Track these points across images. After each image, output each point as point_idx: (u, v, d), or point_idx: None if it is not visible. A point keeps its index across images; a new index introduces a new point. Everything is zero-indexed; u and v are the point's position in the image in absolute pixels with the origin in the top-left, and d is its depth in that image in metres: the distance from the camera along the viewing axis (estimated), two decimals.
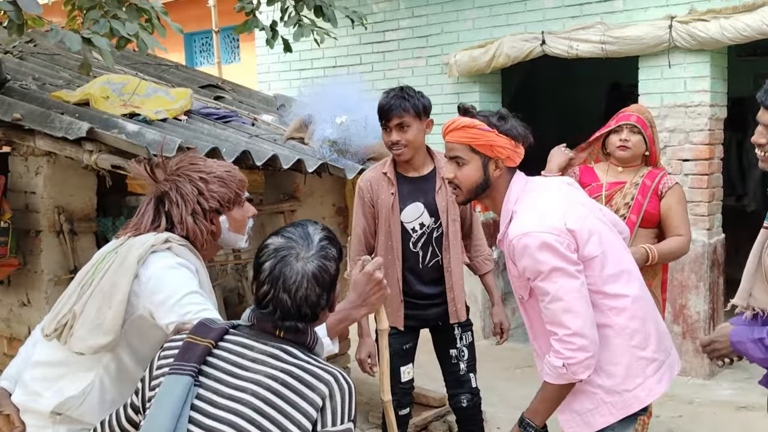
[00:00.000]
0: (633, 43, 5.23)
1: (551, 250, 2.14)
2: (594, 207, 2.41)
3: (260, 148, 3.68)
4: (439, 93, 6.40)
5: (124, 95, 3.82)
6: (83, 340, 1.95)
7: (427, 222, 3.24)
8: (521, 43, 5.72)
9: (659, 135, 5.25)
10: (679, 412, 4.55)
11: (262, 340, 1.61)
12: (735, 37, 4.85)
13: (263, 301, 1.62)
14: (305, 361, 1.59)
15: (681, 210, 3.45)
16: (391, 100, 3.13)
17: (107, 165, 3.12)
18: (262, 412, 1.51)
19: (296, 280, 1.59)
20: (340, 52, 6.90)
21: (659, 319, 2.37)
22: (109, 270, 2.01)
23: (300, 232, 1.66)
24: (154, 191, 2.12)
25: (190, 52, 10.13)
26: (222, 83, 5.60)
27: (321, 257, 1.63)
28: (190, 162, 2.14)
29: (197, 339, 1.62)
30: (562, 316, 2.14)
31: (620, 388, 2.22)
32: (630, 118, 3.45)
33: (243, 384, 1.55)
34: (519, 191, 2.30)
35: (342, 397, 1.55)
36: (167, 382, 1.57)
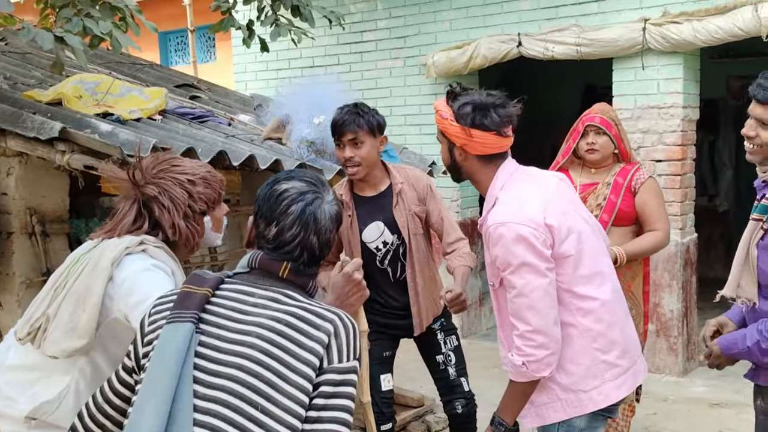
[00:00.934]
0: (607, 46, 5.28)
1: (525, 244, 2.13)
2: (580, 206, 2.40)
3: (237, 149, 3.66)
4: (416, 94, 6.41)
5: (98, 94, 3.77)
6: (57, 343, 1.93)
7: (389, 239, 3.21)
8: (498, 45, 5.75)
9: (633, 136, 5.32)
10: (653, 409, 4.60)
11: (263, 286, 1.60)
12: (707, 40, 4.92)
13: (288, 245, 1.61)
14: (307, 302, 1.59)
15: (656, 204, 3.45)
16: (345, 115, 3.10)
17: (80, 165, 3.09)
18: (268, 353, 1.49)
19: (325, 223, 1.64)
20: (317, 52, 6.88)
21: (629, 327, 2.36)
22: (82, 273, 1.99)
23: (314, 177, 1.70)
24: (136, 194, 2.08)
25: (165, 51, 10.05)
26: (198, 83, 5.56)
27: (337, 203, 1.70)
28: (172, 164, 2.11)
29: (194, 288, 1.60)
30: (525, 312, 2.15)
31: (576, 388, 2.23)
32: (594, 120, 3.48)
33: (246, 328, 1.53)
34: (506, 178, 2.28)
35: (347, 335, 1.55)
36: (167, 330, 1.54)
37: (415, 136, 6.33)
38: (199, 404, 1.47)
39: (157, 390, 1.47)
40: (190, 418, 1.46)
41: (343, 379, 1.52)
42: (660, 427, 4.48)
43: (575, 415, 2.25)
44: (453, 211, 6.34)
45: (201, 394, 1.49)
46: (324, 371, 1.50)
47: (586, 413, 2.25)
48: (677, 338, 5.31)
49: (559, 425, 2.29)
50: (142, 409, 1.47)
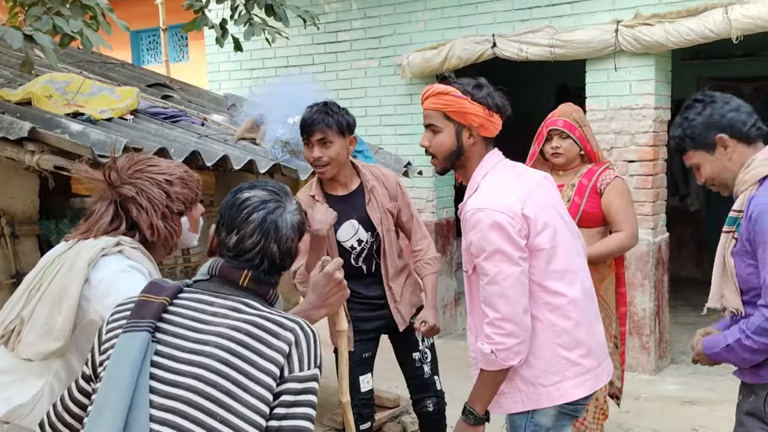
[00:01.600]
0: (580, 47, 5.33)
1: (501, 231, 2.15)
2: (560, 205, 2.41)
3: (210, 149, 3.63)
4: (392, 94, 6.41)
5: (68, 94, 3.72)
6: (32, 345, 1.90)
7: (364, 237, 3.21)
8: (473, 45, 5.77)
9: (606, 137, 5.37)
10: (626, 407, 4.63)
11: (222, 295, 1.59)
12: (679, 41, 4.98)
13: (249, 252, 1.61)
14: (267, 311, 1.58)
15: (622, 204, 3.42)
16: (314, 115, 3.07)
17: (50, 166, 3.04)
18: (228, 362, 1.48)
19: (286, 232, 1.63)
20: (292, 51, 6.86)
21: (597, 329, 2.37)
22: (57, 274, 1.96)
23: (277, 186, 1.69)
24: (112, 195, 2.05)
25: (136, 50, 9.95)
26: (170, 82, 5.51)
27: (300, 212, 1.70)
28: (148, 164, 2.09)
29: (151, 297, 1.58)
30: (496, 299, 2.17)
31: (536, 381, 2.25)
32: (557, 123, 3.47)
33: (205, 337, 1.52)
34: (491, 166, 2.30)
35: (307, 343, 1.54)
36: (122, 340, 1.52)
37: (391, 137, 6.33)
38: (155, 414, 1.46)
39: (112, 399, 1.45)
40: (146, 427, 1.44)
41: (304, 387, 1.52)
42: (632, 425, 4.52)
43: (532, 408, 2.27)
44: (429, 211, 6.35)
45: (157, 404, 1.47)
46: (285, 380, 1.50)
47: (542, 408, 2.27)
48: (649, 337, 5.37)
49: (526, 423, 2.31)
50: (97, 419, 1.46)
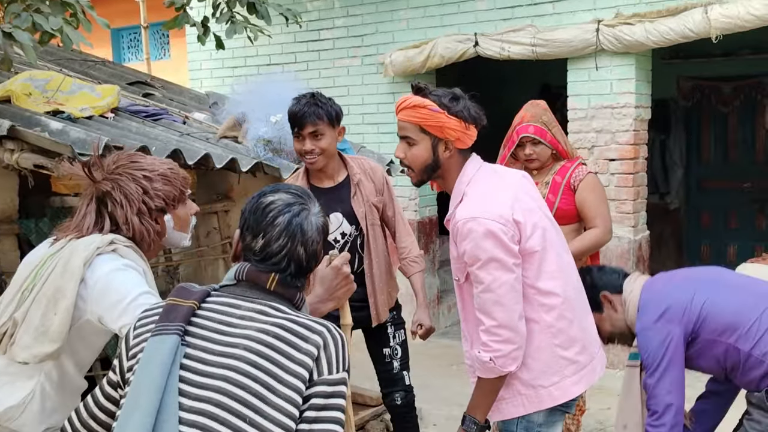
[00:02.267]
0: (562, 46, 5.36)
1: (494, 239, 2.15)
2: (543, 204, 2.42)
3: (192, 147, 3.61)
4: (374, 92, 6.41)
5: (48, 92, 3.69)
6: (27, 348, 1.87)
7: (348, 230, 3.21)
8: (455, 44, 5.79)
9: (587, 135, 5.41)
10: (607, 404, 4.67)
11: (249, 298, 1.59)
12: (659, 41, 5.02)
13: (275, 256, 1.61)
14: (295, 314, 1.58)
15: (595, 200, 3.41)
16: (304, 107, 3.05)
17: (29, 164, 3.02)
18: (256, 365, 1.48)
19: (312, 234, 1.64)
20: (274, 50, 6.84)
21: (589, 323, 2.40)
22: (51, 274, 1.92)
23: (300, 189, 1.70)
24: (93, 191, 2.03)
25: (117, 47, 9.87)
26: (151, 80, 5.47)
27: (323, 215, 1.70)
28: (131, 160, 2.06)
29: (179, 301, 1.57)
30: (491, 307, 2.18)
31: (536, 383, 2.26)
32: (527, 130, 3.42)
33: (233, 340, 1.51)
34: (473, 173, 2.29)
35: (336, 347, 1.54)
36: (152, 343, 1.51)
37: (373, 135, 6.33)
38: (184, 417, 1.45)
39: (141, 402, 1.44)
40: (176, 429, 1.43)
41: (333, 390, 1.51)
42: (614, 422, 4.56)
43: (534, 411, 2.28)
44: (411, 210, 6.36)
45: (186, 406, 1.46)
46: (314, 383, 1.50)
47: (545, 409, 2.28)
48: None
49: (518, 421, 2.32)
50: (126, 422, 1.45)
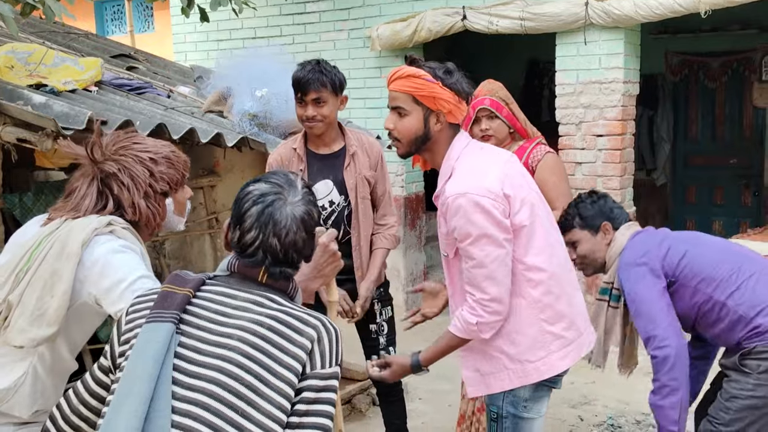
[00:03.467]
0: (550, 20, 5.32)
1: (485, 214, 2.16)
2: (530, 181, 2.42)
3: (177, 122, 3.58)
4: (361, 67, 6.37)
5: (30, 65, 3.63)
6: (24, 332, 1.82)
7: (336, 200, 3.22)
8: (443, 18, 5.74)
9: (575, 111, 5.40)
10: (591, 378, 4.72)
11: (244, 289, 1.58)
12: (648, 15, 5.00)
13: (250, 247, 1.59)
14: (290, 306, 1.57)
15: (556, 181, 3.30)
16: (309, 74, 3.07)
17: (12, 138, 2.98)
18: (250, 356, 1.48)
19: (286, 224, 1.59)
20: (259, 23, 6.76)
21: (577, 299, 2.41)
22: (47, 256, 1.87)
23: (283, 179, 1.65)
24: (95, 172, 1.98)
25: (100, 20, 9.74)
26: (135, 53, 5.41)
27: (307, 202, 1.64)
28: (134, 141, 2.02)
29: (175, 288, 1.56)
30: (482, 281, 2.19)
31: (522, 358, 2.27)
32: (483, 103, 3.30)
33: (228, 330, 1.51)
34: (461, 149, 2.29)
35: (330, 341, 1.55)
36: (146, 330, 1.49)
37: (360, 110, 6.29)
38: (177, 406, 1.44)
39: (134, 390, 1.43)
40: (168, 419, 1.42)
41: (325, 385, 1.52)
42: (598, 395, 4.62)
43: (520, 385, 2.30)
44: (398, 186, 6.35)
45: (180, 395, 1.45)
46: (306, 377, 1.50)
47: (531, 383, 2.30)
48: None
49: (504, 396, 2.34)
50: (118, 409, 1.43)
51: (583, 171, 5.42)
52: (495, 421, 2.38)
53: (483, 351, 2.33)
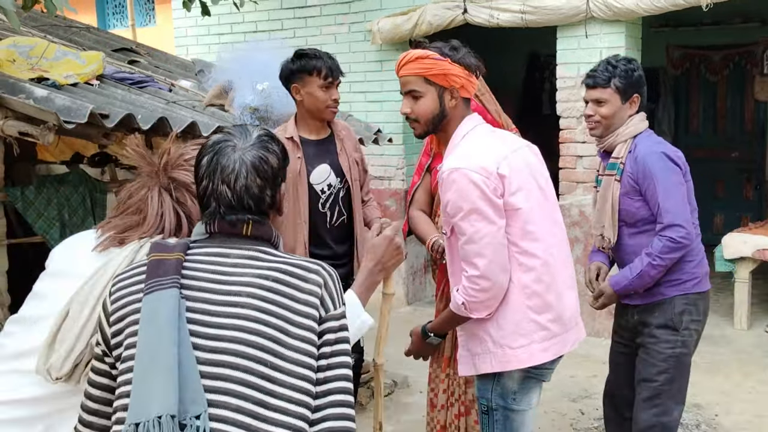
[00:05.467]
0: (551, 13, 5.32)
1: (477, 190, 2.19)
2: (540, 175, 2.41)
3: (178, 115, 3.58)
4: (362, 60, 6.36)
5: (32, 59, 3.64)
6: None
7: (333, 182, 3.34)
8: (443, 11, 5.74)
9: (576, 105, 5.39)
10: (593, 371, 4.74)
11: (234, 246, 1.54)
12: (649, 8, 5.00)
13: (204, 199, 1.55)
14: (286, 256, 1.56)
15: None
16: (331, 60, 3.25)
17: (14, 132, 2.98)
18: (265, 310, 1.45)
19: (234, 168, 1.53)
20: (260, 16, 6.76)
21: (569, 297, 2.41)
22: None
23: (239, 128, 1.62)
24: (161, 182, 1.79)
25: (102, 13, 9.72)
26: (136, 47, 5.40)
27: (260, 148, 1.57)
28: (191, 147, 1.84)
29: (164, 255, 1.51)
30: (473, 257, 2.23)
31: (503, 342, 2.30)
32: None
33: (234, 288, 1.48)
34: (469, 129, 2.34)
35: (333, 283, 1.55)
36: (149, 300, 1.44)
37: (360, 104, 6.29)
38: (204, 370, 1.41)
39: (159, 358, 1.38)
40: (199, 383, 1.39)
41: (340, 324, 1.52)
42: (599, 389, 4.61)
43: (500, 370, 2.33)
44: (398, 179, 6.36)
45: (204, 359, 1.42)
46: (324, 320, 1.50)
47: (510, 369, 2.32)
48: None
49: (493, 388, 2.37)
50: (145, 380, 1.38)
51: (584, 164, 5.42)
52: (486, 414, 2.40)
53: (473, 331, 2.37)
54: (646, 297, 2.92)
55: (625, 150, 2.90)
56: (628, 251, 2.93)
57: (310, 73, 3.21)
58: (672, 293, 2.87)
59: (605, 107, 2.90)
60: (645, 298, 2.92)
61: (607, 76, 2.89)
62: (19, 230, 4.27)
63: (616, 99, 2.89)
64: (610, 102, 2.89)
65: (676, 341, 2.86)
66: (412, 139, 6.33)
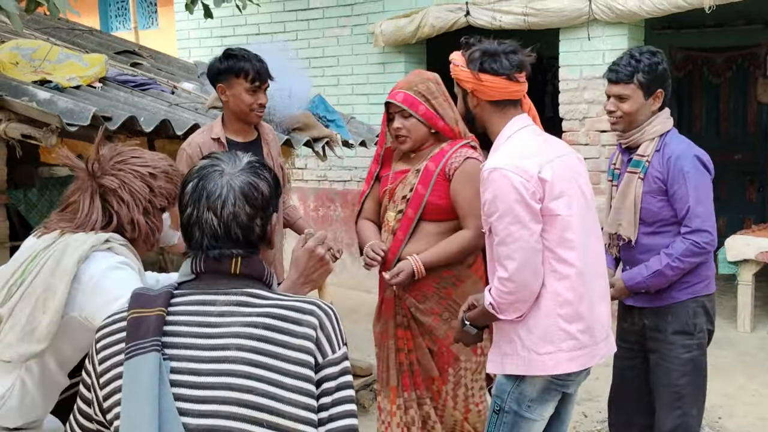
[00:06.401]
0: (554, 16, 5.32)
1: (514, 193, 2.17)
2: (584, 181, 2.40)
3: (181, 117, 3.58)
4: (364, 63, 6.37)
5: (35, 61, 3.64)
6: (12, 347, 1.78)
7: None
8: (446, 14, 5.74)
9: (578, 107, 5.39)
10: (596, 374, 4.72)
11: (221, 290, 1.42)
12: (652, 11, 5.00)
13: (188, 228, 1.43)
14: (277, 298, 1.43)
15: (469, 193, 2.75)
16: (259, 63, 3.14)
17: (17, 134, 2.98)
18: (256, 363, 1.34)
19: (221, 194, 1.41)
20: (263, 18, 6.77)
21: (601, 309, 2.37)
22: (42, 271, 1.82)
23: (227, 154, 1.50)
24: (93, 186, 1.92)
25: (104, 16, 9.74)
26: (139, 49, 5.41)
27: (250, 173, 1.46)
28: (132, 155, 1.97)
29: (143, 311, 1.40)
30: (504, 260, 2.21)
31: (531, 347, 2.27)
32: (396, 97, 2.86)
33: (221, 342, 1.36)
34: (514, 130, 2.33)
35: (331, 322, 1.42)
36: (130, 367, 1.34)
37: (363, 106, 6.29)
38: None
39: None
40: None
41: (341, 369, 1.41)
42: (601, 391, 4.61)
43: (525, 373, 2.30)
44: None
45: (192, 426, 1.32)
46: (321, 367, 1.39)
47: (533, 374, 2.29)
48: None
49: (510, 390, 2.34)
50: None
51: (587, 167, 5.41)
52: (496, 413, 2.38)
53: (506, 331, 2.33)
54: (656, 300, 2.85)
55: (652, 148, 2.82)
56: (641, 251, 2.85)
57: (237, 75, 3.09)
58: (684, 297, 2.82)
59: (627, 103, 2.79)
60: (654, 301, 2.85)
61: (630, 70, 2.76)
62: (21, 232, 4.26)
63: (639, 95, 2.77)
64: (633, 98, 2.77)
65: (691, 345, 2.82)
66: None
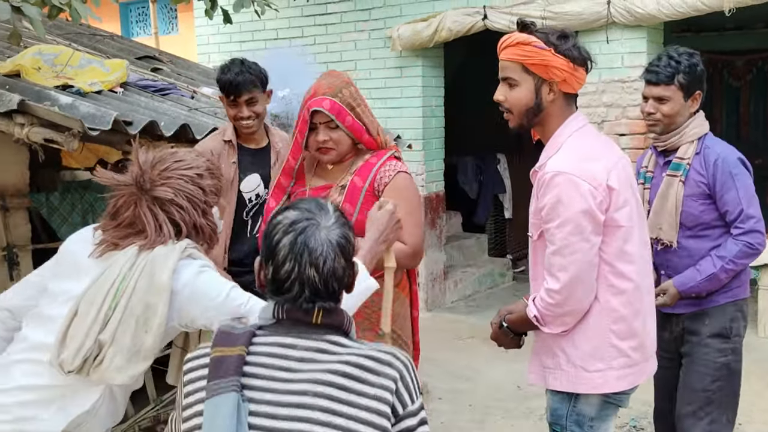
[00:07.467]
0: (572, 19, 5.31)
1: (580, 201, 2.01)
2: (636, 186, 2.27)
3: (200, 122, 3.62)
4: (381, 67, 6.38)
5: (57, 66, 3.69)
6: (122, 371, 1.81)
7: (261, 193, 3.27)
8: (463, 18, 5.74)
9: (597, 110, 5.37)
10: None
11: (302, 335, 1.42)
12: (671, 14, 4.97)
13: (286, 282, 1.42)
14: (357, 347, 1.43)
15: (405, 209, 2.41)
16: (238, 76, 3.10)
17: (39, 138, 3.02)
18: (332, 410, 1.34)
19: (322, 251, 1.41)
20: (281, 24, 6.81)
21: (651, 323, 2.25)
22: (135, 290, 1.83)
23: (312, 204, 1.49)
24: (146, 199, 1.92)
25: (125, 22, 9.84)
26: (159, 54, 5.47)
27: (342, 225, 1.47)
28: (173, 160, 1.98)
29: (225, 350, 1.40)
30: (556, 270, 2.06)
31: (579, 363, 2.14)
32: (323, 105, 2.50)
33: (299, 387, 1.36)
34: (576, 128, 2.14)
35: (409, 374, 1.42)
36: (209, 408, 1.35)
37: (380, 110, 6.30)
38: None
39: None
40: None
41: (420, 419, 1.41)
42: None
43: (571, 391, 2.18)
44: (418, 185, 6.36)
45: None
46: (401, 418, 1.39)
47: (584, 394, 2.17)
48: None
49: (569, 412, 2.21)
50: None
51: None
52: None
53: (548, 344, 2.20)
54: (695, 305, 2.80)
55: (692, 151, 2.75)
56: (680, 254, 2.79)
57: (221, 88, 3.15)
58: (723, 300, 2.78)
59: (667, 105, 2.73)
60: (693, 306, 2.80)
61: (671, 72, 2.71)
62: (44, 235, 4.32)
63: (679, 96, 2.73)
64: (673, 99, 2.72)
65: (727, 349, 2.77)
66: (431, 145, 6.34)
